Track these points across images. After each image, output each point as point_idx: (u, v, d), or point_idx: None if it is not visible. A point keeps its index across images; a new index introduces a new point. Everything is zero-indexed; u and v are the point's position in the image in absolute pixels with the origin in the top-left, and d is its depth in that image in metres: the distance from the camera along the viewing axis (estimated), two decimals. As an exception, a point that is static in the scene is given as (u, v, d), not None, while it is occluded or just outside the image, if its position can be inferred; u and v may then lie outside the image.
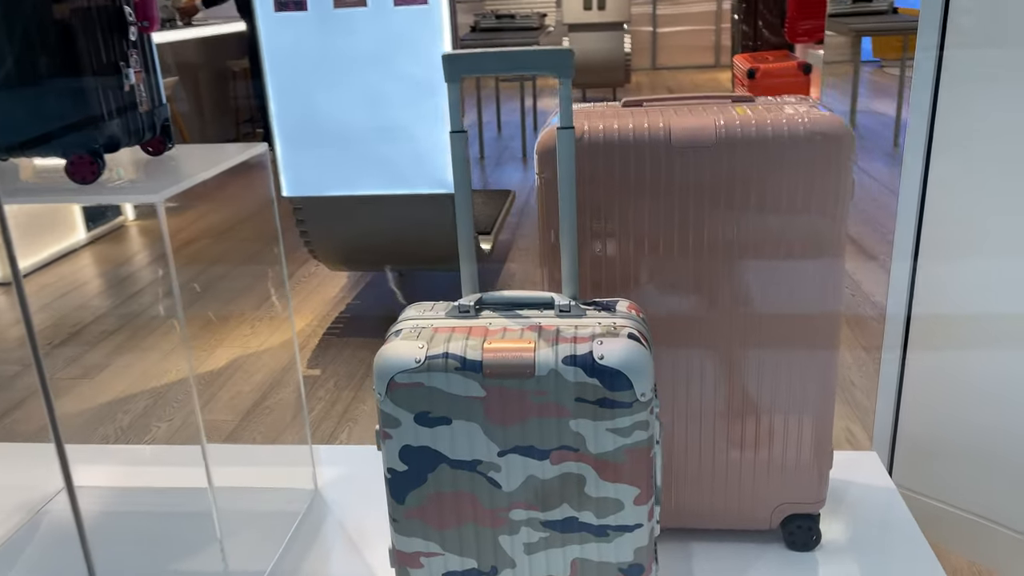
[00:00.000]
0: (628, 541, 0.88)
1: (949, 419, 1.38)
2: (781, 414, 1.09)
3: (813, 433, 1.09)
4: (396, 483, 0.89)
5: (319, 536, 1.27)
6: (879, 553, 1.14)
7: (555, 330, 0.87)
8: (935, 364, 1.37)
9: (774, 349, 1.07)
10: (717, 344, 1.07)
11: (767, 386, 1.08)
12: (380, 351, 0.88)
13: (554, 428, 0.85)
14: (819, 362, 1.07)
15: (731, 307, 1.06)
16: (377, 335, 2.48)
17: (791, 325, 1.06)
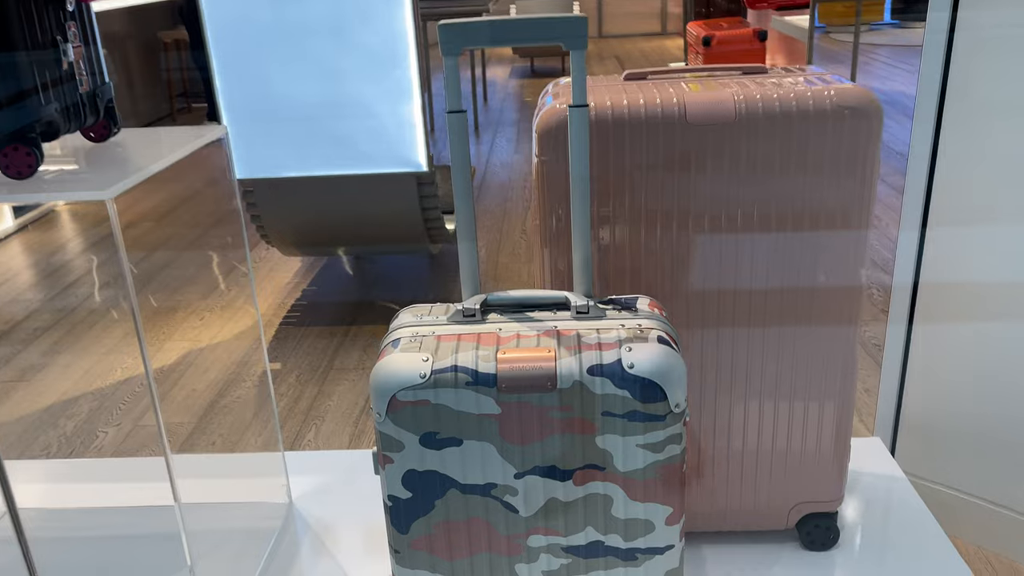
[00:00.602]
0: (659, 564, 0.80)
1: (954, 399, 1.33)
2: (801, 401, 1.02)
3: (835, 422, 1.03)
4: (399, 512, 0.79)
5: (298, 556, 1.16)
6: (898, 550, 1.09)
7: (575, 335, 0.77)
8: (941, 338, 1.32)
9: (794, 333, 0.99)
10: (734, 333, 1.00)
11: (786, 372, 1.01)
12: (377, 366, 0.77)
13: (578, 446, 0.76)
14: (841, 344, 0.99)
15: (749, 296, 0.98)
16: (338, 322, 2.36)
17: (813, 306, 0.98)
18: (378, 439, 0.78)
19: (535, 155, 0.95)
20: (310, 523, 1.23)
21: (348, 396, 1.95)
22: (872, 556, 1.08)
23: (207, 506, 1.26)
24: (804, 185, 0.93)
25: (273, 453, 1.31)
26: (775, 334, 0.99)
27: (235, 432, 1.80)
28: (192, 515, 1.21)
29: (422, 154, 2.03)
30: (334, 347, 2.20)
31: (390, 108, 1.91)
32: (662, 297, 0.98)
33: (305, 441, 1.75)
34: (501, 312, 0.83)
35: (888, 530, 1.13)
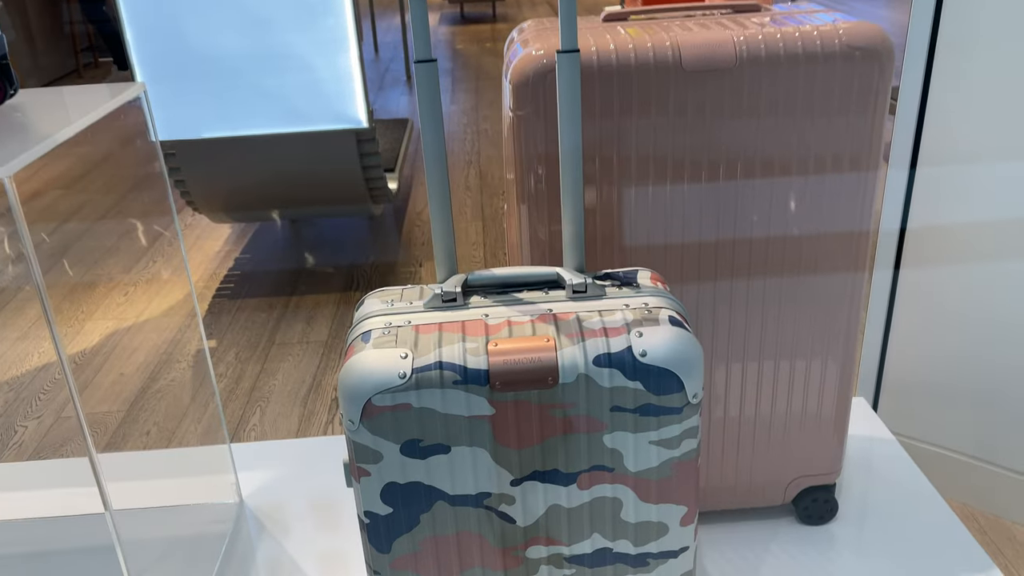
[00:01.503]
0: (672, 568, 0.72)
1: (938, 352, 1.29)
2: (803, 362, 0.94)
3: (836, 386, 0.95)
4: (378, 529, 0.69)
5: (253, 564, 1.05)
6: (895, 518, 1.04)
7: (574, 319, 0.67)
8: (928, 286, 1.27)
9: (797, 287, 0.91)
10: (732, 290, 0.91)
11: (787, 331, 0.92)
12: (346, 366, 0.66)
13: (583, 446, 0.67)
14: (846, 298, 0.91)
15: (749, 248, 0.89)
16: (277, 293, 2.21)
17: (817, 257, 0.90)
18: (351, 450, 0.67)
19: (509, 110, 0.83)
20: (265, 524, 1.12)
21: (294, 373, 1.82)
22: (870, 525, 1.03)
23: (146, 512, 1.13)
24: (810, 130, 0.84)
25: (218, 447, 1.18)
26: (776, 289, 0.90)
27: (171, 419, 1.65)
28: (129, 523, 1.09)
29: (361, 109, 1.88)
30: (274, 320, 2.06)
31: (324, 60, 1.75)
32: (654, 256, 0.89)
33: (250, 426, 1.62)
34: (484, 294, 0.72)
35: (883, 497, 1.08)
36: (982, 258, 1.18)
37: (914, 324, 1.28)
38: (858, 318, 0.94)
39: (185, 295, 2.21)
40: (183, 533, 1.08)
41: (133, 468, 1.23)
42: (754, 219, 0.87)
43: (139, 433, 1.61)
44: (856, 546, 1.00)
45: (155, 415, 1.66)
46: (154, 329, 2.02)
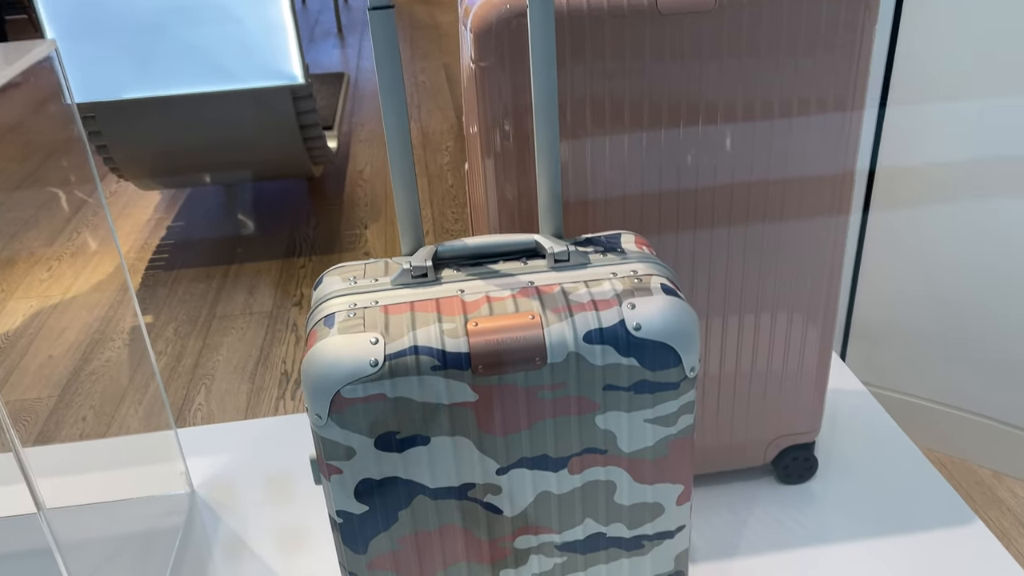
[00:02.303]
0: (668, 549, 0.68)
1: (907, 298, 1.27)
2: (785, 313, 0.90)
3: (818, 340, 0.92)
4: (352, 530, 0.63)
5: (211, 559, 0.98)
6: (873, 471, 1.02)
7: (559, 292, 0.61)
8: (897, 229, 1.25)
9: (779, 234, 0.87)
10: (712, 239, 0.86)
11: (769, 281, 0.88)
12: (310, 355, 0.59)
13: (574, 429, 0.61)
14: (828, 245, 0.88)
15: (731, 193, 0.84)
16: (214, 262, 2.09)
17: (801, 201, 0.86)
18: (319, 446, 0.60)
19: (471, 60, 0.76)
20: (220, 515, 1.05)
21: (238, 347, 1.73)
22: (848, 481, 1.01)
23: (87, 508, 1.05)
24: (793, 71, 0.79)
25: (164, 433, 1.10)
26: (758, 237, 0.86)
27: (109, 403, 1.55)
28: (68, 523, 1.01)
29: (296, 63, 1.76)
30: (214, 291, 1.95)
31: (254, 11, 1.62)
32: (630, 209, 0.83)
33: (196, 406, 1.53)
34: (457, 267, 0.66)
35: (859, 451, 1.06)
36: (952, 199, 1.16)
37: (883, 269, 1.27)
38: (840, 266, 0.90)
39: (115, 268, 2.08)
40: (131, 530, 1.01)
41: (71, 461, 1.14)
42: (735, 165, 0.82)
43: (74, 420, 1.51)
44: (837, 502, 0.98)
45: (90, 399, 1.56)
46: (83, 306, 1.90)
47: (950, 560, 0.90)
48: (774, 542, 0.94)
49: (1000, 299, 1.18)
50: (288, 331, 1.77)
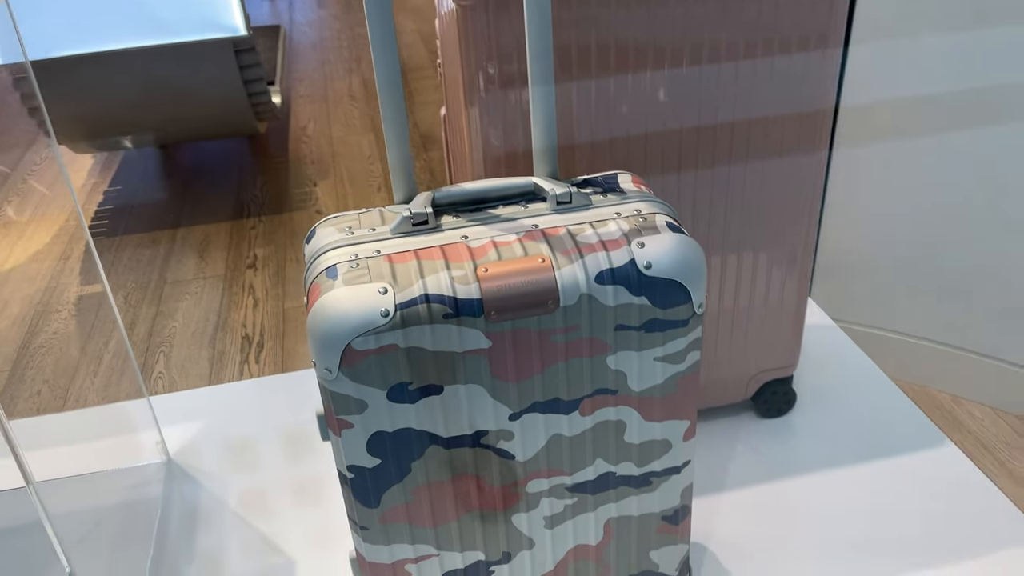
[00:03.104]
0: (675, 484, 0.69)
1: (869, 233, 1.30)
2: (766, 251, 0.91)
3: (797, 275, 0.94)
4: (364, 483, 0.62)
5: (195, 527, 0.96)
6: (848, 402, 1.06)
7: (566, 234, 0.61)
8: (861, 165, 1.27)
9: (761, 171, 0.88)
10: (696, 179, 0.87)
11: (751, 219, 0.89)
12: (316, 308, 0.57)
13: (586, 371, 0.61)
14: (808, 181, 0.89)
15: (714, 134, 0.84)
16: (159, 226, 2.02)
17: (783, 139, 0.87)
18: (328, 401, 0.59)
19: (454, 1, 0.73)
20: (201, 482, 1.02)
21: (195, 312, 1.67)
22: (825, 412, 1.04)
23: (66, 481, 1.01)
24: (774, 8, 0.78)
25: (136, 402, 1.07)
26: (740, 176, 0.86)
27: (63, 376, 1.50)
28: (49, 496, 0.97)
29: (237, 14, 1.68)
30: (162, 256, 1.89)
31: (192, -42, 1.54)
32: (616, 150, 0.82)
33: (156, 374, 1.49)
34: (456, 213, 0.64)
35: (833, 383, 1.09)
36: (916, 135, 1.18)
37: (846, 205, 1.29)
38: (818, 202, 0.91)
39: (51, 237, 1.99)
40: (111, 501, 0.98)
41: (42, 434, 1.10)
42: (719, 106, 0.82)
43: (28, 394, 1.45)
44: (815, 432, 1.01)
45: (43, 373, 1.50)
46: (23, 278, 1.81)
47: (925, 480, 0.94)
48: (758, 474, 0.96)
49: (957, 232, 1.22)
50: (245, 294, 1.73)
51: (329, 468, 1.01)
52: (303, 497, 0.98)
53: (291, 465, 1.03)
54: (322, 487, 0.99)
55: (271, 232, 1.97)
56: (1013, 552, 0.85)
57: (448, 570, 0.68)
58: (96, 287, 1.77)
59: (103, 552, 0.89)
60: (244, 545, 0.93)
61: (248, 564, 0.90)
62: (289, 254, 1.87)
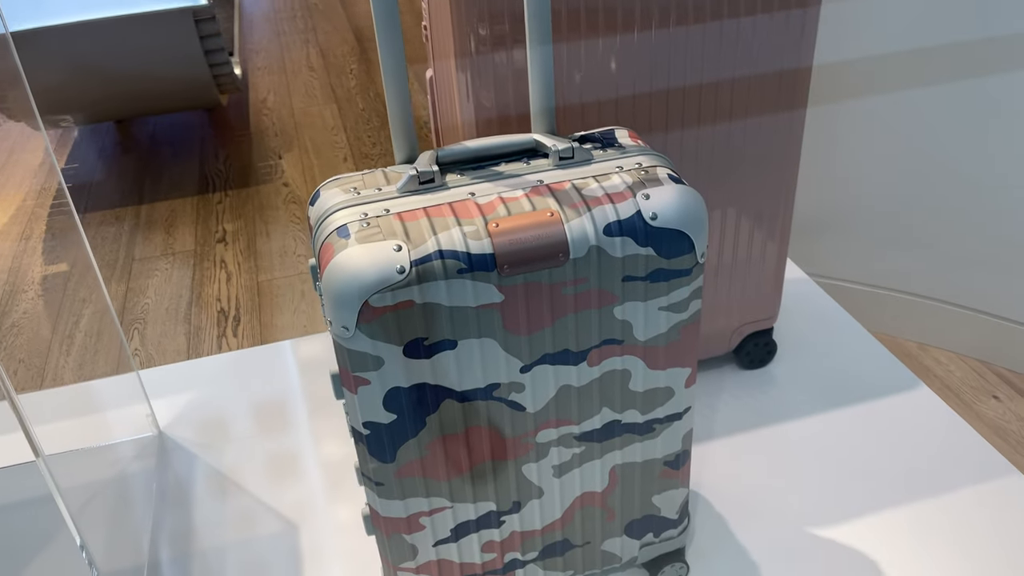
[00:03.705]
0: (677, 430, 0.71)
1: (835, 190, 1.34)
2: (750, 206, 0.94)
3: (779, 229, 0.97)
4: (380, 439, 0.63)
5: (191, 496, 0.96)
6: (826, 351, 1.10)
7: (571, 188, 0.62)
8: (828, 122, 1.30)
9: (744, 130, 0.90)
10: (682, 137, 0.88)
11: (733, 176, 0.92)
12: (331, 266, 0.57)
13: (594, 322, 0.63)
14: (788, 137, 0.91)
15: (700, 94, 0.86)
16: (123, 203, 1.98)
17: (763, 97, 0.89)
18: (344, 359, 0.60)
19: (444, -40, 0.74)
20: (195, 453, 1.03)
21: (166, 289, 1.65)
22: (805, 361, 1.08)
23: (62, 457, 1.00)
24: (757, -26, 0.80)
25: (125, 376, 1.06)
26: (725, 135, 0.89)
27: (36, 356, 1.47)
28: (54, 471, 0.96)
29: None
30: (127, 233, 1.85)
31: (150, -76, 1.50)
32: (605, 111, 0.84)
33: (132, 351, 1.47)
34: (460, 171, 0.65)
35: (810, 333, 1.13)
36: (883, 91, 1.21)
37: (815, 161, 1.32)
38: (798, 157, 0.94)
39: (9, 218, 1.94)
40: (107, 476, 0.97)
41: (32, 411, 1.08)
42: (704, 66, 0.84)
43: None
44: (795, 381, 1.05)
45: (17, 352, 1.47)
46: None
47: (901, 422, 0.98)
48: (744, 423, 1.00)
49: (919, 187, 1.26)
50: (217, 268, 1.71)
51: (321, 435, 1.02)
52: (297, 464, 0.99)
53: (283, 434, 1.04)
54: (314, 454, 1.00)
55: (239, 206, 1.95)
56: (986, 483, 0.90)
57: (461, 521, 0.69)
58: (63, 266, 1.73)
59: (103, 525, 0.89)
60: (242, 513, 0.94)
61: (248, 532, 0.91)
62: (259, 228, 1.85)
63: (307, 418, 1.05)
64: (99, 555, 0.80)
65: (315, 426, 1.04)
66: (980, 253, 1.26)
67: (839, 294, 1.38)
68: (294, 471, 0.98)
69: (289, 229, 1.83)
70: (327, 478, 0.97)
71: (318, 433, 1.03)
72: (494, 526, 0.70)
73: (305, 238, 1.79)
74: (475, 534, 0.70)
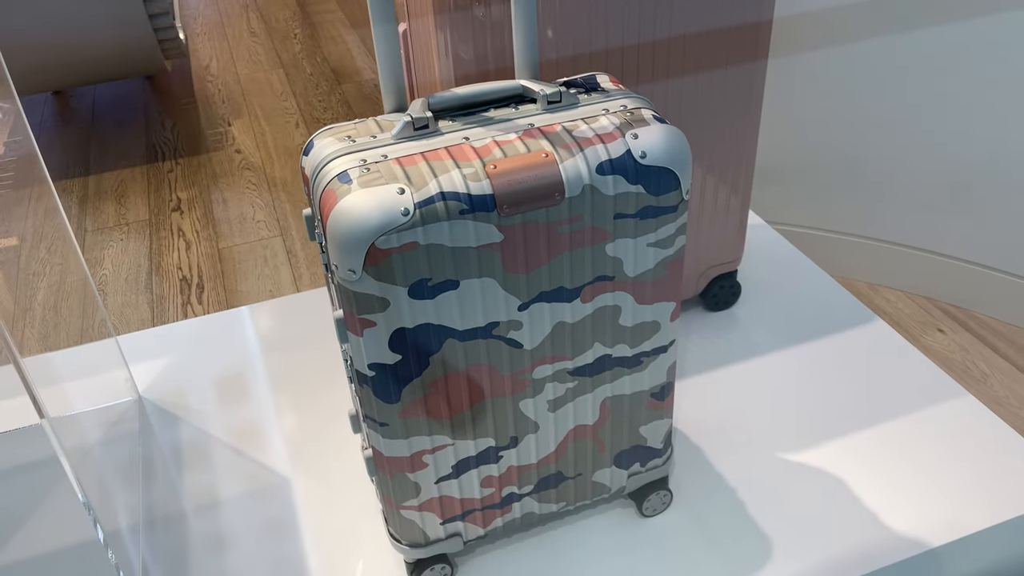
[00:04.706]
0: (663, 363, 0.75)
1: (788, 139, 1.39)
2: (717, 153, 0.98)
3: (742, 174, 1.01)
4: (385, 380, 0.65)
5: (179, 461, 0.97)
6: (788, 293, 1.15)
7: (562, 130, 0.64)
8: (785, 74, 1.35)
9: (710, 83, 0.93)
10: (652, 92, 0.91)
11: (696, 127, 0.96)
12: (337, 211, 0.59)
13: (587, 260, 0.66)
14: (749, 88, 0.95)
15: (667, 55, 0.89)
16: (68, 175, 1.93)
17: (725, 50, 0.92)
18: (350, 302, 0.61)
19: (422, -89, 0.74)
20: (178, 415, 1.03)
21: (123, 259, 1.63)
22: (768, 303, 1.13)
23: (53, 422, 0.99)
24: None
25: (104, 342, 1.05)
26: (692, 87, 0.92)
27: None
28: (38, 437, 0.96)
29: (141, -56, 1.60)
30: (76, 205, 1.81)
31: None
32: (580, 65, 0.86)
33: (98, 321, 1.45)
34: (451, 118, 0.67)
35: (771, 276, 1.18)
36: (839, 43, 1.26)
37: (768, 111, 1.37)
38: (759, 108, 0.98)
39: (-53, 193, 1.87)
40: (92, 440, 0.97)
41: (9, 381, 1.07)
42: (666, 19, 0.86)
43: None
44: (759, 321, 1.10)
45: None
46: (-74, 236, 1.71)
47: (859, 353, 1.04)
48: (714, 361, 1.04)
49: (868, 135, 1.32)
50: (175, 237, 1.69)
51: (304, 391, 1.03)
52: (280, 421, 1.00)
53: (261, 392, 1.05)
54: (297, 409, 1.01)
55: (191, 174, 1.92)
56: (939, 404, 0.96)
57: (462, 458, 0.72)
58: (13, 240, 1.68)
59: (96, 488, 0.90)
60: (230, 470, 0.95)
61: (239, 487, 0.93)
62: (215, 195, 1.83)
63: (287, 377, 1.06)
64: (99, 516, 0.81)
65: (294, 387, 1.05)
66: (924, 197, 1.33)
67: (793, 240, 1.44)
68: (280, 428, 0.99)
69: (246, 195, 1.81)
70: (310, 434, 0.98)
71: (301, 391, 1.04)
72: (493, 461, 0.73)
73: (264, 204, 1.77)
74: (475, 470, 0.73)
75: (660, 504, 0.84)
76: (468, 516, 0.76)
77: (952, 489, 0.86)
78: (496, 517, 0.78)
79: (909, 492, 0.86)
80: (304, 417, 1.00)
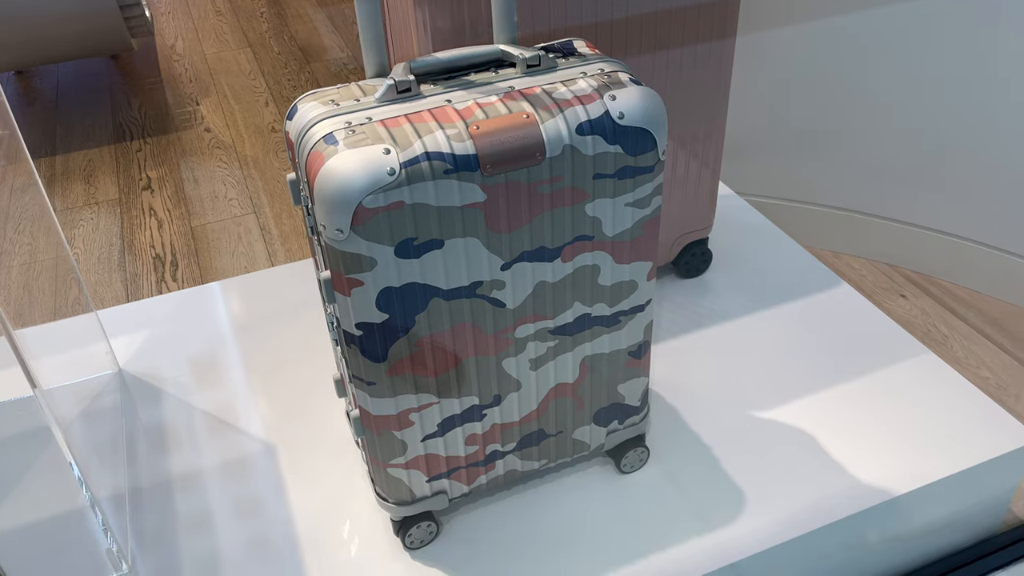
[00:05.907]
0: (640, 321, 0.77)
1: (759, 111, 1.42)
2: (691, 125, 1.00)
3: (713, 144, 1.03)
4: (372, 339, 0.67)
5: (163, 428, 0.98)
6: (756, 258, 1.18)
7: (542, 92, 0.66)
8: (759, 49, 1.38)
9: (681, 58, 0.96)
10: (624, 79, 0.93)
11: (679, 95, 0.98)
12: (324, 171, 0.60)
13: (568, 219, 0.68)
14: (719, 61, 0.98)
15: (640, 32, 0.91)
16: (33, 154, 1.90)
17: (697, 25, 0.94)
18: (338, 262, 0.63)
19: None
20: (158, 387, 1.03)
21: (95, 238, 1.62)
22: (737, 268, 1.16)
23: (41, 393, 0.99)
24: None
25: (85, 316, 1.05)
26: (664, 63, 0.94)
27: (-36, 311, 1.42)
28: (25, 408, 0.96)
29: (106, -82, 1.58)
30: (44, 185, 1.78)
31: None
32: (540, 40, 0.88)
33: (72, 300, 1.44)
34: (433, 81, 0.68)
35: (739, 242, 1.21)
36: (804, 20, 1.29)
37: (735, 85, 1.40)
38: (728, 82, 1.00)
39: (-93, 175, 1.83)
40: (78, 411, 0.97)
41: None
42: None
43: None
44: (729, 286, 1.13)
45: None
46: None
47: (826, 315, 1.07)
48: (687, 326, 1.07)
49: (830, 106, 1.35)
50: (146, 216, 1.67)
51: (284, 362, 1.04)
52: (262, 390, 1.01)
53: (241, 364, 1.06)
54: (276, 374, 1.02)
55: (160, 153, 1.90)
56: (902, 361, 1.00)
57: (447, 416, 0.74)
58: None
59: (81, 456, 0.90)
60: (213, 440, 0.96)
61: (221, 457, 0.94)
62: (185, 174, 1.82)
63: (262, 347, 1.07)
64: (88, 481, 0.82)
65: (273, 358, 1.06)
66: (885, 166, 1.37)
67: (762, 210, 1.48)
68: (259, 400, 1.01)
69: (217, 174, 1.80)
70: (291, 402, 1.00)
71: (277, 363, 1.05)
72: (476, 419, 0.75)
73: (235, 182, 1.77)
74: (459, 428, 0.75)
75: (637, 460, 0.87)
76: (453, 473, 0.78)
77: (915, 441, 0.90)
78: (480, 474, 0.80)
79: (874, 445, 0.90)
80: (285, 386, 1.01)
